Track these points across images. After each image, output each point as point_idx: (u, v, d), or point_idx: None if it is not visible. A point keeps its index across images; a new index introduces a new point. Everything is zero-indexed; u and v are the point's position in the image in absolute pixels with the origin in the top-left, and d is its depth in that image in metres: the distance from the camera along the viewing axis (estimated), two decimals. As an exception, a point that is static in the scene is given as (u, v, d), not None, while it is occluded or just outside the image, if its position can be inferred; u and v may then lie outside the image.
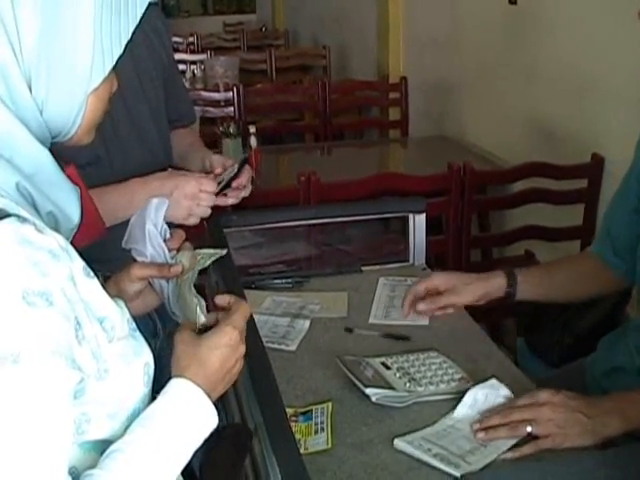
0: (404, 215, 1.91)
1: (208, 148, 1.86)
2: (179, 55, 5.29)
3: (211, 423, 0.92)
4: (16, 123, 0.82)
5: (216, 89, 4.51)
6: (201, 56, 5.58)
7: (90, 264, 0.86)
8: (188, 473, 0.96)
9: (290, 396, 1.37)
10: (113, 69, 0.89)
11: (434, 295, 1.61)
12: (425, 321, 1.65)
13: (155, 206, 1.15)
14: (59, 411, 0.76)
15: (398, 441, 1.23)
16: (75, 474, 0.80)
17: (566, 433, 1.20)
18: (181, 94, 1.84)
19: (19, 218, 0.77)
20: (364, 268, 1.92)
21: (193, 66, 5.14)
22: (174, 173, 1.50)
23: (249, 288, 1.75)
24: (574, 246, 2.83)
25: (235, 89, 4.19)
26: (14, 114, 0.82)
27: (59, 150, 0.89)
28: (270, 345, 1.52)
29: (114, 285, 1.07)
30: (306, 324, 1.64)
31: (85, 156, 1.44)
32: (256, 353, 1.16)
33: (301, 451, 1.13)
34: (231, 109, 4.21)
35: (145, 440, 0.85)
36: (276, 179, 3.28)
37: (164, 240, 1.13)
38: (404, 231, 1.94)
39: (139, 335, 0.92)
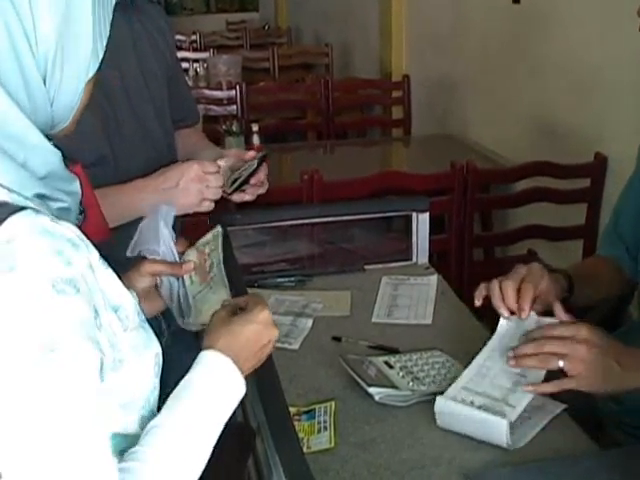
0: (407, 214, 1.92)
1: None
2: (182, 53, 5.29)
3: (240, 393, 0.96)
4: (29, 125, 0.82)
5: (219, 87, 4.51)
6: (204, 54, 5.58)
7: None
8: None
9: (293, 395, 1.37)
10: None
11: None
12: (428, 320, 1.65)
13: (165, 211, 1.21)
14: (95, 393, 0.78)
15: (440, 399, 1.24)
16: None
17: (594, 377, 1.18)
18: (185, 94, 1.83)
19: (33, 210, 0.78)
20: (367, 267, 1.92)
21: (196, 64, 5.13)
22: (174, 164, 1.50)
23: (252, 287, 1.75)
24: (577, 246, 2.83)
25: (238, 87, 4.19)
26: (27, 114, 0.82)
27: (63, 151, 0.89)
28: (273, 344, 1.52)
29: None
30: (309, 323, 1.64)
31: (90, 156, 1.43)
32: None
33: (304, 450, 1.13)
34: (234, 107, 4.21)
35: (180, 412, 0.89)
36: (279, 177, 3.28)
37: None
38: (407, 230, 1.94)
39: (148, 326, 0.93)
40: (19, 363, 0.73)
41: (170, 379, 0.94)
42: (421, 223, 1.89)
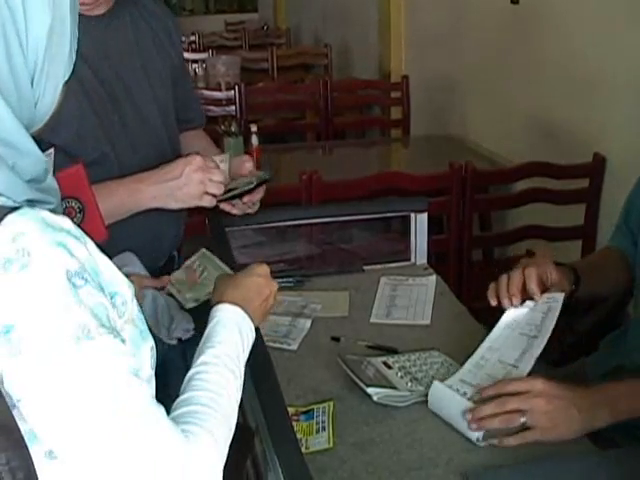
0: (406, 214, 1.92)
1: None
2: (180, 54, 5.28)
3: (252, 336, 1.06)
4: (21, 128, 0.82)
5: (218, 88, 4.51)
6: (203, 55, 5.58)
7: None
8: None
9: (291, 395, 1.37)
10: None
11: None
12: (426, 320, 1.66)
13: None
14: (128, 368, 0.80)
15: (437, 383, 1.29)
16: None
17: (556, 426, 1.20)
18: (191, 96, 1.82)
19: (28, 206, 0.78)
20: (366, 267, 1.92)
21: (195, 65, 5.13)
22: (178, 158, 1.50)
23: (251, 287, 1.75)
24: (575, 246, 2.83)
25: (237, 88, 4.19)
26: (18, 116, 0.82)
27: (65, 149, 0.89)
28: (271, 344, 1.52)
29: None
30: (307, 323, 1.64)
31: (92, 154, 1.43)
32: (257, 352, 1.16)
33: (302, 450, 1.13)
34: (232, 108, 4.21)
35: (210, 359, 0.96)
36: (277, 178, 3.28)
37: None
38: (405, 230, 1.94)
39: (143, 319, 0.93)
40: (58, 361, 0.74)
41: (171, 380, 0.95)
42: (420, 223, 1.89)
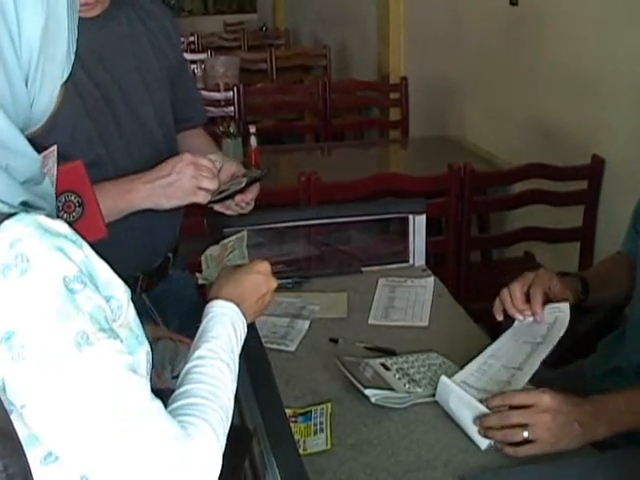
0: (404, 216, 1.91)
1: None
2: (180, 54, 5.28)
3: (244, 331, 1.07)
4: (16, 130, 0.82)
5: (216, 89, 4.51)
6: (201, 55, 5.58)
7: None
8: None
9: (289, 397, 1.37)
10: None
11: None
12: (424, 322, 1.66)
13: None
14: (125, 365, 0.81)
15: (444, 379, 1.30)
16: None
17: (558, 442, 1.20)
18: (191, 94, 1.82)
19: (24, 212, 0.78)
20: (364, 269, 1.92)
21: (194, 65, 5.13)
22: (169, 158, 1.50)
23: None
24: (574, 248, 2.83)
25: (235, 89, 4.19)
26: (11, 117, 0.82)
27: (59, 152, 0.89)
28: (269, 345, 1.52)
29: None
30: (306, 325, 1.64)
31: (86, 157, 1.43)
32: (255, 353, 1.16)
33: (300, 452, 1.13)
34: (231, 109, 4.20)
35: (206, 353, 0.98)
36: (276, 179, 3.28)
37: None
38: (404, 232, 1.94)
39: (140, 323, 0.92)
40: (61, 366, 0.75)
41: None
42: (418, 225, 1.89)
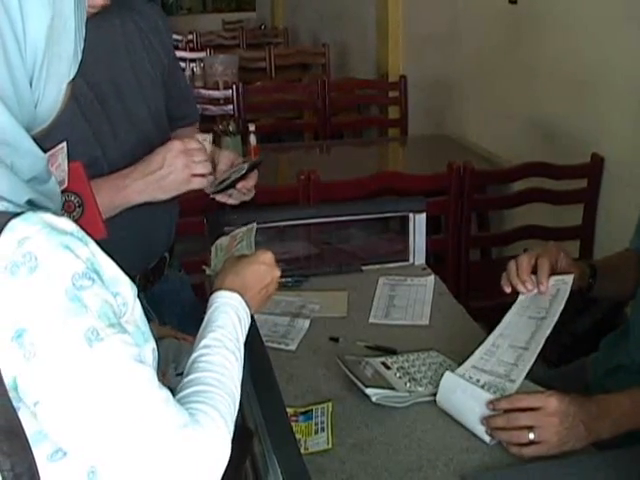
0: (404, 214, 1.91)
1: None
2: (178, 53, 5.28)
3: (248, 321, 1.07)
4: (21, 129, 0.82)
5: (215, 87, 4.51)
6: (200, 54, 5.58)
7: None
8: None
9: (290, 396, 1.37)
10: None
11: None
12: (425, 321, 1.65)
13: None
14: (134, 356, 0.80)
15: (449, 374, 1.31)
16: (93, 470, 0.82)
17: (564, 444, 1.20)
18: (184, 93, 1.82)
19: (31, 210, 0.77)
20: (364, 267, 1.92)
21: (192, 64, 5.13)
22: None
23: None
24: (573, 246, 2.83)
25: (234, 87, 4.19)
26: (16, 116, 0.81)
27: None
28: (270, 344, 1.52)
29: None
30: (306, 323, 1.64)
31: (82, 158, 1.42)
32: (256, 352, 1.16)
33: (301, 451, 1.12)
34: (230, 107, 4.20)
35: (212, 342, 0.98)
36: (275, 178, 3.28)
37: None
38: (404, 230, 1.94)
39: (146, 320, 0.92)
40: (73, 362, 0.75)
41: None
42: (418, 224, 1.89)
